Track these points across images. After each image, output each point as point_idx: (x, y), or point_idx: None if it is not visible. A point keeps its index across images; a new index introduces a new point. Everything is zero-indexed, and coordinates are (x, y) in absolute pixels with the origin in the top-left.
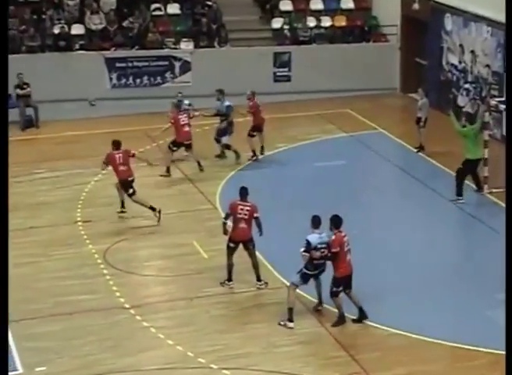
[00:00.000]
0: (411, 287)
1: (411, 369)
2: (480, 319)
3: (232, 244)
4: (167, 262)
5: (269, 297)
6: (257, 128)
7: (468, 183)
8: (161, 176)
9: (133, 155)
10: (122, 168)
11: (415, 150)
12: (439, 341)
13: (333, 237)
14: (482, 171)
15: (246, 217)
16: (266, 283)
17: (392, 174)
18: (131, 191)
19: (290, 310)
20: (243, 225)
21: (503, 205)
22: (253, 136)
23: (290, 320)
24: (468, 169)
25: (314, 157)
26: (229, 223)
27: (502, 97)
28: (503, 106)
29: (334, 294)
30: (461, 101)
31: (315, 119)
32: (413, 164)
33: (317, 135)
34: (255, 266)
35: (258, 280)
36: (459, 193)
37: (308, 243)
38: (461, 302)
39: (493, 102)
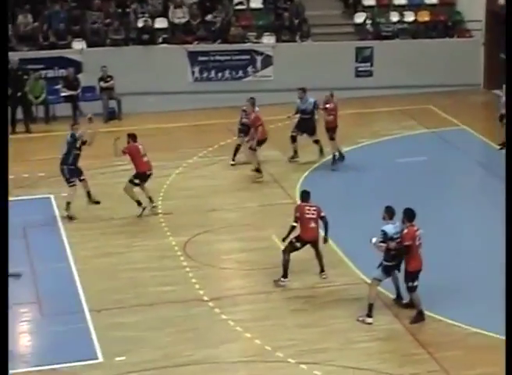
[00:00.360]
0: (494, 287)
1: (493, 370)
2: None
3: (299, 245)
4: (246, 256)
5: (349, 292)
6: (332, 131)
7: None
8: (256, 176)
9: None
10: (145, 159)
11: (498, 147)
12: None
13: (406, 231)
14: None
15: (314, 216)
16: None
17: (474, 171)
18: (138, 181)
19: (371, 306)
20: (313, 225)
21: None
22: (333, 139)
23: (369, 316)
24: None
25: (396, 153)
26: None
27: None
28: None
29: (411, 290)
30: None
31: (397, 115)
32: (496, 161)
33: (398, 131)
34: (320, 258)
35: (322, 271)
36: None
37: (385, 233)
38: None
39: None
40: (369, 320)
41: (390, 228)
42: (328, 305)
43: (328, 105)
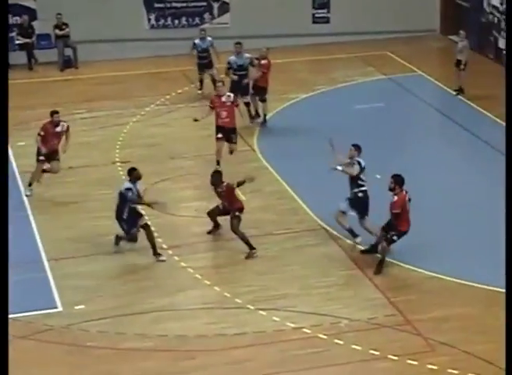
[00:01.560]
0: (450, 231)
1: (448, 312)
2: None
3: (241, 216)
4: (206, 203)
5: (307, 239)
6: (262, 91)
7: None
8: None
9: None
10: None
11: (454, 93)
12: (477, 285)
13: (395, 198)
14: None
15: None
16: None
17: (431, 117)
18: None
19: (350, 230)
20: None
21: None
22: (264, 100)
23: (355, 236)
24: None
25: (354, 99)
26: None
27: None
28: None
29: (389, 242)
30: (502, 43)
31: (354, 62)
32: (452, 107)
33: (356, 77)
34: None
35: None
36: None
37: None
38: (502, 246)
39: None
40: (358, 240)
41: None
42: (287, 252)
43: (263, 62)
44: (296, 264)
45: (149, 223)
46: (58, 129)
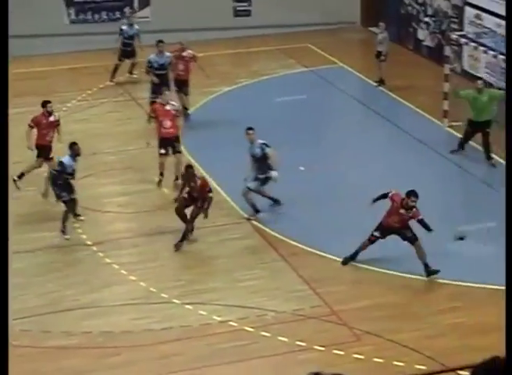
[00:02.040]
0: (371, 221)
1: (374, 302)
2: (443, 251)
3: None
4: (128, 199)
5: (232, 232)
6: (184, 84)
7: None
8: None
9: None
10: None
11: (375, 84)
12: (402, 274)
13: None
14: (442, 105)
15: None
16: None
17: (353, 108)
18: None
19: (252, 205)
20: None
21: (458, 134)
22: (188, 94)
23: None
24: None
25: (275, 92)
26: None
27: (461, 30)
28: (463, 40)
29: (371, 241)
30: (421, 34)
31: (275, 54)
32: (373, 98)
33: (278, 70)
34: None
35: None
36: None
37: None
38: (424, 235)
39: (454, 36)
40: (260, 215)
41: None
42: (212, 246)
43: (185, 54)
44: (222, 258)
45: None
46: (52, 119)
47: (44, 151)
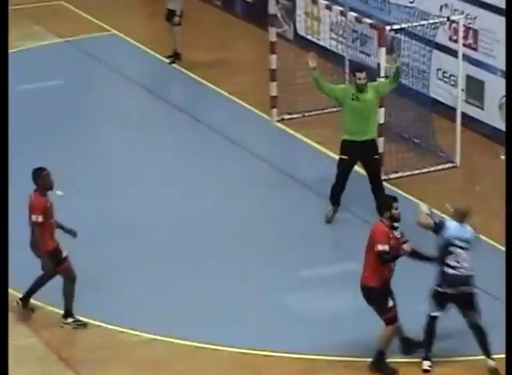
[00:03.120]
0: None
1: None
2: (274, 305)
3: None
4: None
5: None
6: None
7: None
8: None
9: None
10: None
11: (168, 60)
12: (217, 347)
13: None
14: (269, 89)
15: None
16: None
17: (134, 96)
18: None
19: None
20: None
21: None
22: None
23: None
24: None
25: (16, 76)
26: None
27: None
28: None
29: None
30: None
31: (15, 19)
32: (164, 82)
33: (18, 43)
34: None
35: None
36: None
37: None
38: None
39: None
40: None
41: None
42: None
43: None
44: None
45: None
46: None
47: None
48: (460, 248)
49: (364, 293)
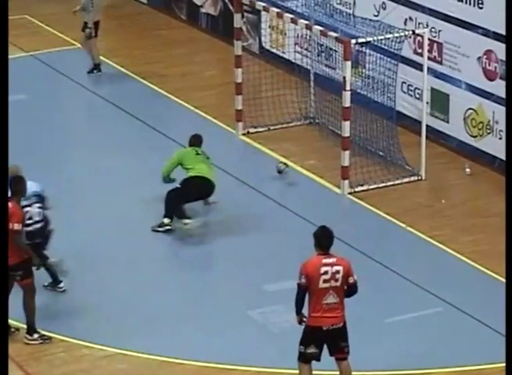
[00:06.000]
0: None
1: None
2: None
3: None
4: None
5: None
6: None
7: None
8: None
9: None
10: None
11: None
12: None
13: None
14: (235, 102)
15: None
16: None
17: (99, 110)
18: None
19: None
20: None
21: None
22: None
23: None
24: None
25: None
26: None
27: None
28: (260, 3)
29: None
30: None
31: None
32: (129, 95)
33: None
34: None
35: None
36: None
37: None
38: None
39: None
40: None
41: None
42: None
43: None
44: None
45: None
46: None
47: None
48: None
49: (342, 330)
